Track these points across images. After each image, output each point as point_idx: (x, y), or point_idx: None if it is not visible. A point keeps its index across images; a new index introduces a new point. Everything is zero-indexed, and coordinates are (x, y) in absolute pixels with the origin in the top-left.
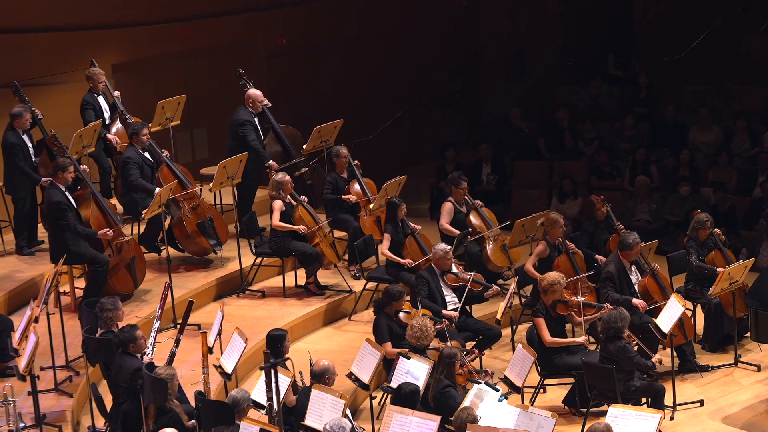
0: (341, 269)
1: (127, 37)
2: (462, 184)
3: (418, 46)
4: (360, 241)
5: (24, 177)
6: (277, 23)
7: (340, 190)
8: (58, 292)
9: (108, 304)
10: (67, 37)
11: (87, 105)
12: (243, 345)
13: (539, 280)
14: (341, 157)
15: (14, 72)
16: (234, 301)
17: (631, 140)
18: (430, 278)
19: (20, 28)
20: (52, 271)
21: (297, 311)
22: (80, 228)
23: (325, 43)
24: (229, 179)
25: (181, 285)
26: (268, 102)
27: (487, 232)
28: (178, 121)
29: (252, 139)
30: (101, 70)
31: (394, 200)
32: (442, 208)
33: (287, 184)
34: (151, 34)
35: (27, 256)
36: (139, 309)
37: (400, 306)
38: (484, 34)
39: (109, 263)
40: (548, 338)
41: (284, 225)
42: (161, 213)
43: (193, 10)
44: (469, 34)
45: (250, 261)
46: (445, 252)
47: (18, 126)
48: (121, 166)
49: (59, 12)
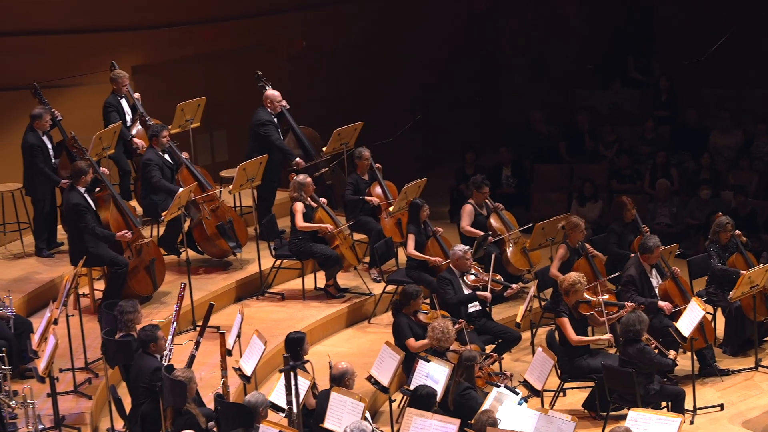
0: (361, 272)
1: (147, 39)
2: (484, 188)
3: (439, 49)
4: (380, 244)
5: (44, 178)
6: (298, 26)
7: (361, 192)
8: (78, 294)
9: (127, 306)
10: (87, 39)
11: (111, 107)
12: (262, 347)
13: (560, 281)
14: (363, 159)
15: (34, 74)
16: (253, 303)
17: (651, 143)
18: (452, 278)
19: (40, 29)
20: (72, 273)
21: (316, 314)
22: (99, 230)
23: (346, 46)
24: (248, 181)
25: (201, 287)
26: (286, 103)
27: (507, 235)
28: (198, 123)
29: (276, 138)
30: (125, 73)
31: (417, 201)
32: (463, 210)
33: (308, 185)
34: (172, 36)
35: (46, 258)
36: (158, 311)
37: (418, 306)
38: (504, 36)
39: (128, 265)
40: (574, 337)
41: (309, 225)
42: (181, 215)
43: (214, 12)
44: (489, 36)
45: (269, 263)
46: (464, 252)
47: (38, 127)
48: (141, 169)
49: (79, 14)
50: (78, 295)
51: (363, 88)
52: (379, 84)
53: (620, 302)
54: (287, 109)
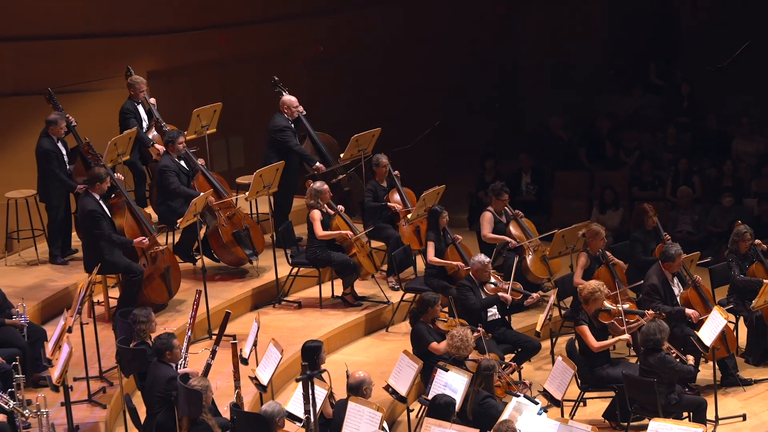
0: (379, 280)
1: (163, 44)
2: (504, 195)
3: (458, 55)
4: (399, 251)
5: (59, 184)
6: (315, 31)
7: (380, 200)
8: (92, 302)
9: (141, 316)
10: (103, 44)
11: (128, 113)
12: (279, 356)
13: (579, 290)
14: (381, 166)
15: (48, 79)
16: (270, 311)
17: (673, 150)
18: (472, 285)
19: (55, 34)
20: (86, 281)
21: (334, 322)
22: (115, 236)
23: (364, 52)
24: (265, 188)
25: (217, 295)
26: (303, 109)
27: (527, 243)
28: (214, 129)
29: (295, 144)
30: (143, 79)
31: (436, 208)
32: (482, 217)
33: (325, 193)
34: (188, 41)
35: (60, 266)
36: (174, 319)
37: (436, 313)
38: (524, 42)
39: (143, 273)
40: (595, 344)
41: (329, 233)
42: (197, 222)
43: (231, 17)
44: (509, 42)
45: (286, 271)
46: (483, 264)
47: (53, 133)
48: (157, 175)
49: (94, 19)
50: (92, 302)
51: (381, 93)
52: (397, 90)
53: (641, 311)
54: (304, 114)
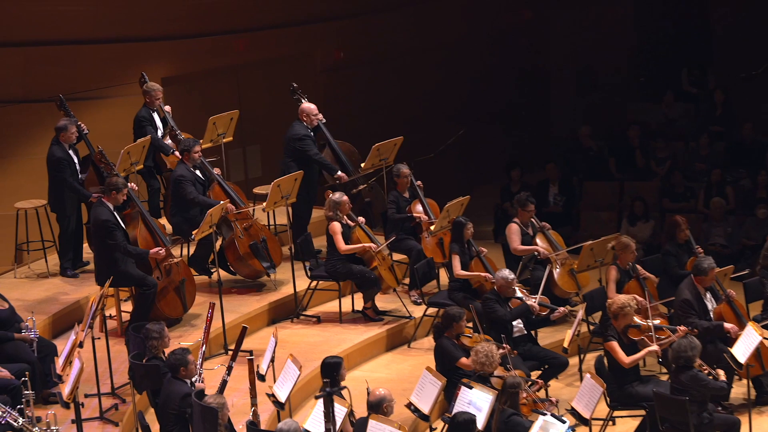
0: (401, 294)
1: (177, 50)
2: (529, 206)
3: (482, 60)
4: (421, 264)
5: (72, 193)
6: (335, 36)
7: (402, 211)
8: (104, 316)
9: (153, 331)
10: (116, 50)
11: (145, 121)
12: (297, 373)
13: (608, 304)
14: (402, 177)
15: (59, 85)
16: (288, 326)
17: (706, 160)
18: (497, 298)
19: (66, 39)
20: (98, 294)
21: (354, 337)
22: (130, 247)
23: (385, 57)
24: (283, 198)
25: (233, 309)
26: (322, 117)
27: (554, 256)
28: (231, 138)
29: (315, 153)
30: (160, 86)
31: (461, 220)
32: (508, 230)
33: (345, 204)
34: (204, 47)
35: (71, 278)
36: (189, 334)
37: (461, 329)
38: (551, 47)
39: (157, 286)
40: (626, 359)
41: (353, 247)
42: (212, 234)
43: (248, 22)
44: (536, 47)
45: (305, 284)
46: (507, 281)
47: (64, 140)
48: (172, 185)
49: (107, 23)
50: (104, 317)
51: (402, 100)
52: (419, 96)
53: (672, 327)
54: (324, 122)
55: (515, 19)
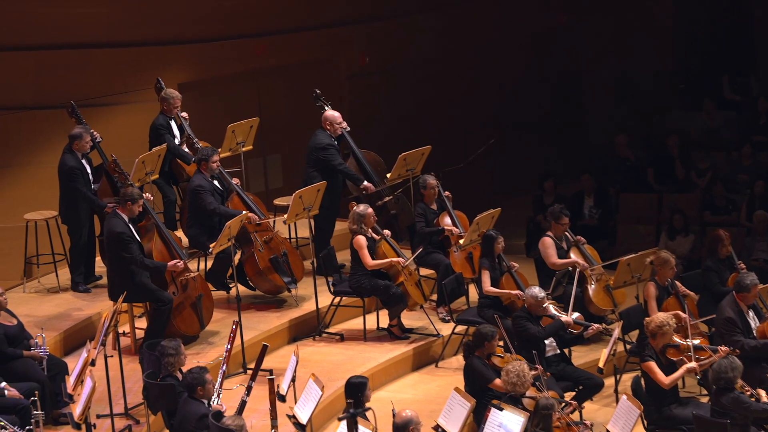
0: (428, 311)
1: (195, 54)
2: (563, 219)
3: (515, 66)
4: (450, 280)
5: (86, 203)
6: (360, 40)
7: (429, 223)
8: (117, 333)
9: (169, 348)
10: (130, 54)
11: (163, 129)
12: (319, 393)
13: (646, 323)
14: (429, 188)
15: (71, 91)
16: (310, 344)
17: (748, 171)
18: (529, 317)
19: (78, 43)
20: (111, 310)
21: (379, 356)
22: (147, 261)
23: (413, 62)
24: (305, 210)
25: (252, 326)
26: (346, 125)
27: (589, 271)
28: (251, 147)
29: (339, 163)
30: (178, 94)
31: (491, 233)
32: (542, 244)
33: (369, 216)
34: (222, 51)
35: (83, 293)
36: (206, 352)
37: (492, 348)
38: (587, 52)
39: (173, 301)
40: (665, 380)
41: (380, 262)
42: (230, 247)
43: (269, 25)
44: (571, 52)
45: (327, 300)
46: (537, 299)
47: (77, 149)
48: (189, 196)
49: (121, 26)
50: (117, 333)
51: (430, 108)
52: (448, 104)
53: (713, 347)
54: (348, 131)
55: (550, 24)
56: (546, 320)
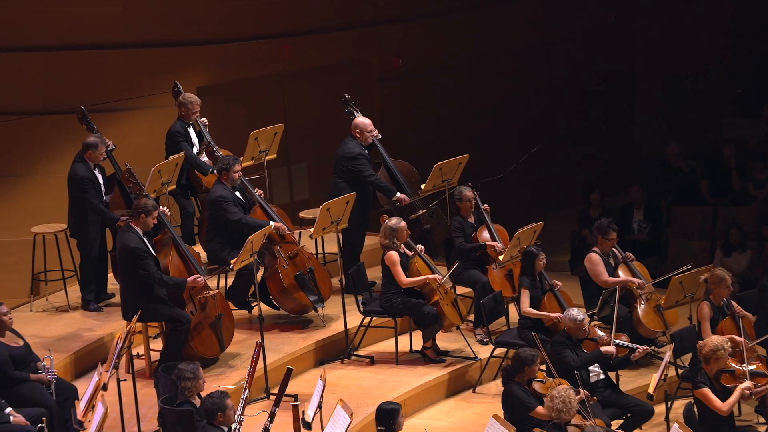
0: (465, 332)
1: (215, 56)
2: (611, 233)
3: (558, 69)
4: (488, 299)
5: (97, 216)
6: (392, 41)
7: (467, 238)
8: (131, 355)
9: (187, 372)
10: (146, 55)
11: (180, 136)
12: (348, 420)
13: (699, 346)
14: (465, 200)
15: (82, 95)
16: (337, 367)
17: None
18: (568, 342)
19: (90, 44)
20: (124, 330)
21: (412, 381)
22: (166, 277)
23: (449, 65)
24: (333, 224)
25: (276, 348)
26: (378, 133)
27: (639, 290)
28: (275, 155)
29: (370, 174)
30: (197, 98)
31: (532, 249)
32: (588, 261)
33: (402, 231)
34: (245, 53)
35: (94, 312)
36: (226, 376)
37: (533, 373)
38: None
39: (190, 321)
40: (723, 406)
41: (415, 280)
42: (253, 263)
43: (295, 25)
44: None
45: (357, 321)
46: (576, 322)
47: (90, 158)
48: (209, 208)
49: (137, 26)
50: (131, 356)
51: (468, 114)
52: (487, 110)
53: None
54: (379, 139)
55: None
56: (589, 344)
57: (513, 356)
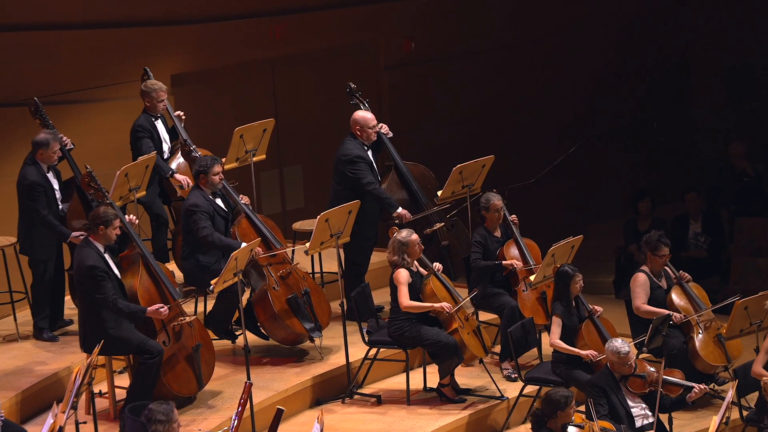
0: (489, 366)
1: (194, 38)
2: (662, 249)
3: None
4: (516, 327)
5: (47, 230)
6: (404, 21)
7: (491, 254)
8: (92, 393)
9: (158, 413)
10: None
11: (142, 131)
12: None
13: (764, 384)
14: (493, 210)
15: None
16: (338, 408)
17: None
18: (606, 385)
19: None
20: (84, 364)
21: (426, 425)
22: (122, 303)
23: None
24: (333, 237)
25: (264, 385)
26: (388, 130)
27: (696, 317)
28: (263, 156)
29: (368, 182)
30: (163, 85)
31: (566, 269)
32: (633, 281)
33: (414, 245)
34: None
35: (49, 342)
36: (205, 418)
37: (568, 417)
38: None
39: (163, 353)
40: None
41: (418, 305)
42: (237, 284)
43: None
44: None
45: (361, 353)
46: (620, 356)
47: (42, 159)
48: (183, 217)
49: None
50: (92, 394)
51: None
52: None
53: None
54: (390, 137)
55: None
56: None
57: (543, 398)
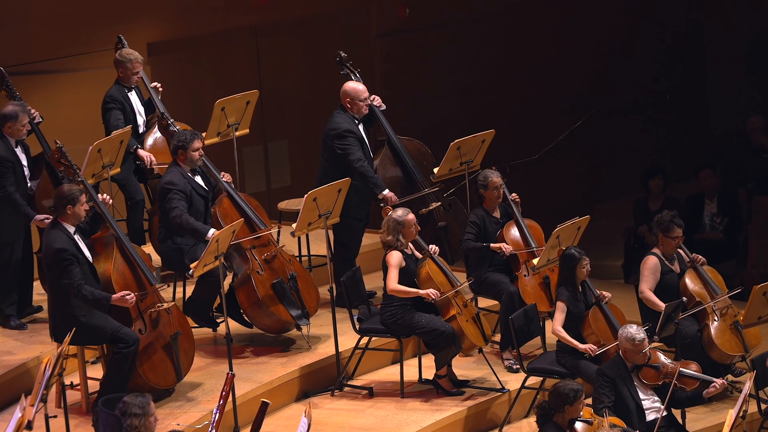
0: (489, 356)
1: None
2: (675, 230)
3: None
4: (518, 315)
5: (13, 210)
6: None
7: (490, 236)
8: (63, 385)
9: (134, 406)
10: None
11: (112, 103)
12: None
13: None
14: (491, 188)
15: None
16: (327, 402)
17: None
18: (617, 375)
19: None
20: (54, 354)
21: (421, 419)
22: (87, 289)
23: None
24: (321, 218)
25: (248, 377)
26: (381, 103)
27: (711, 304)
28: (247, 130)
29: (356, 158)
30: (137, 54)
31: (572, 252)
32: (643, 265)
33: (410, 225)
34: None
35: (16, 330)
36: (184, 411)
37: (576, 412)
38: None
39: (138, 342)
40: None
41: (405, 289)
42: (219, 268)
43: None
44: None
45: (351, 342)
46: (634, 343)
47: (9, 133)
48: (159, 196)
49: None
50: (63, 386)
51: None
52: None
53: None
54: (383, 110)
55: None
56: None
57: (551, 390)
